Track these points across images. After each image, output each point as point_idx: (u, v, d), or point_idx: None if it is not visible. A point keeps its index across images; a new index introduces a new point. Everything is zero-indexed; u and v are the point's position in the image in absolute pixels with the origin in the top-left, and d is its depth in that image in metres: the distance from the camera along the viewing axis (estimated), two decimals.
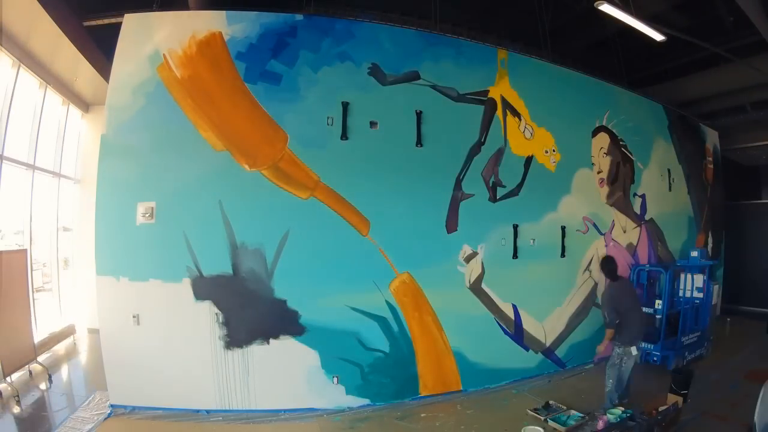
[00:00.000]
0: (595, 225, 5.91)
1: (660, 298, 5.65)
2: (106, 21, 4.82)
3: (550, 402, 4.31)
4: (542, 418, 4.00)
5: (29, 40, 4.77)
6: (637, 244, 6.46)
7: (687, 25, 6.40)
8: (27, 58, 5.03)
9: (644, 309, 5.60)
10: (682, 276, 6.00)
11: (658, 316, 5.60)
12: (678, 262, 6.54)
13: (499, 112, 5.08)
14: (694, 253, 6.33)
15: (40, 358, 5.06)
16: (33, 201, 5.54)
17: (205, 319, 4.03)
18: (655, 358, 5.47)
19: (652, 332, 5.49)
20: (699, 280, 5.94)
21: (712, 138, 8.40)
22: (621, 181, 6.30)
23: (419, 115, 4.61)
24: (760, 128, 8.45)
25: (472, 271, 4.85)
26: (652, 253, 6.67)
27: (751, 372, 5.11)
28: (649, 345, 5.47)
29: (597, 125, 6.03)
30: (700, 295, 5.92)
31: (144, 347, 4.02)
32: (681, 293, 5.96)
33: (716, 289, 6.37)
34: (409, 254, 4.51)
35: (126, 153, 4.01)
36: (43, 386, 4.59)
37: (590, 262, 5.83)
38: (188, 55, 4.06)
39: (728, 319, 8.10)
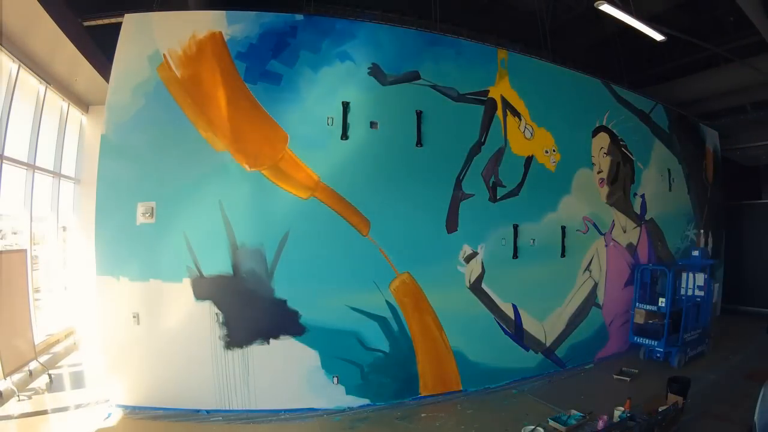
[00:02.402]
0: (595, 225, 5.91)
1: (663, 296, 5.73)
2: (106, 21, 4.80)
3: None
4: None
5: (29, 40, 4.76)
6: (637, 244, 6.46)
7: (687, 25, 6.41)
8: (27, 58, 5.02)
9: (647, 307, 5.84)
10: (684, 275, 6.06)
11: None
12: (679, 261, 6.61)
13: (499, 112, 5.08)
14: (695, 252, 6.41)
15: (41, 358, 5.05)
16: (33, 201, 5.54)
17: (205, 319, 4.03)
18: (658, 355, 5.63)
19: (656, 329, 5.65)
20: (700, 278, 6.00)
21: (712, 138, 8.40)
22: (621, 181, 6.30)
23: (419, 115, 4.61)
24: (760, 128, 8.44)
25: (472, 271, 4.85)
26: (652, 253, 6.67)
27: (751, 372, 5.10)
28: (652, 342, 5.64)
29: (597, 125, 6.03)
30: (701, 293, 6.00)
31: (144, 347, 4.02)
32: (683, 291, 6.03)
33: (716, 287, 6.44)
34: (409, 254, 4.50)
35: (126, 153, 4.01)
36: (43, 386, 4.59)
37: (590, 262, 5.83)
38: (188, 55, 4.06)
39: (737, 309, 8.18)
